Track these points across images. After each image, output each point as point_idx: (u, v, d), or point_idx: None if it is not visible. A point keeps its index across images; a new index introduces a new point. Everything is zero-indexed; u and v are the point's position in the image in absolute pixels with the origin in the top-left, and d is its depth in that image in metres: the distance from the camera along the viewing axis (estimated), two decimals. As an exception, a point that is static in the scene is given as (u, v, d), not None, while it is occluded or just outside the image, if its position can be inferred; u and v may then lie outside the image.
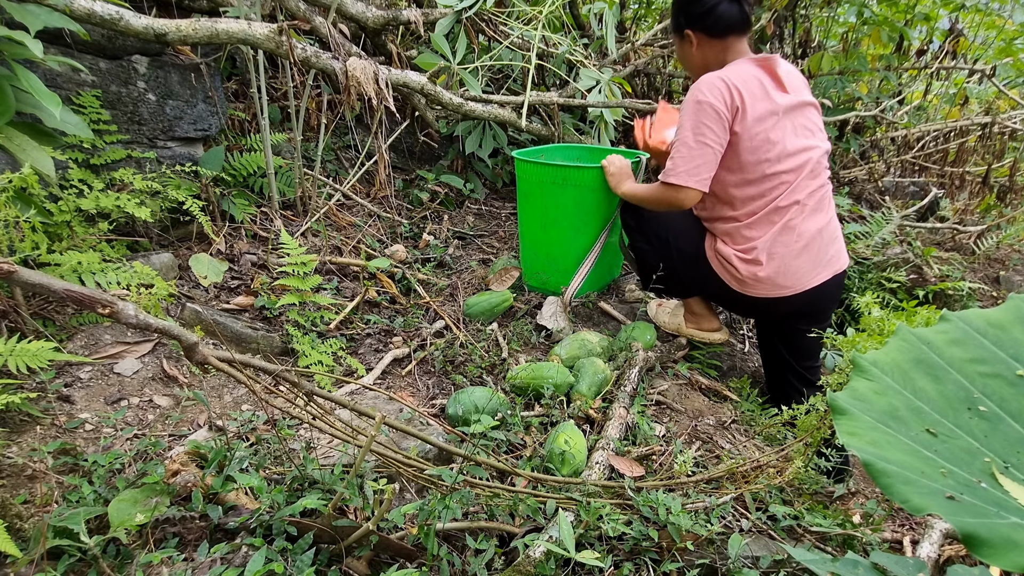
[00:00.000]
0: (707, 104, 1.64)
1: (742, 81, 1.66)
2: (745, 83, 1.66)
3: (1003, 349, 0.67)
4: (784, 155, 1.69)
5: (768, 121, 1.67)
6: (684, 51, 1.85)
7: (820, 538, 1.29)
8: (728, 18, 1.72)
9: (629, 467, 1.47)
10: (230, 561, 1.06)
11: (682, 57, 1.89)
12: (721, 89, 1.64)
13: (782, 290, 1.76)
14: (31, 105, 1.52)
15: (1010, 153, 3.52)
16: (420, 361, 1.98)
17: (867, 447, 0.56)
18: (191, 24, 1.86)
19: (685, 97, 1.71)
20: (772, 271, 1.74)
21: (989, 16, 3.60)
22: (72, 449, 1.33)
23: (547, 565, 1.10)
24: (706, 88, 1.65)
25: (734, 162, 1.70)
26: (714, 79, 1.66)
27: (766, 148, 1.67)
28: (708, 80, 1.67)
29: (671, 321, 2.16)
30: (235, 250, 2.23)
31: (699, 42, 1.78)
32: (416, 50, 2.90)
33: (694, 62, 1.84)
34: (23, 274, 0.94)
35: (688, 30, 1.78)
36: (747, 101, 1.65)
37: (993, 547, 0.45)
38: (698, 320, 2.12)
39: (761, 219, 1.73)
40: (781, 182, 1.70)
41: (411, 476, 1.20)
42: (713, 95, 1.64)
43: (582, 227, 2.19)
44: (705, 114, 1.65)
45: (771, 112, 1.67)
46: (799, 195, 1.72)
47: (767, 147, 1.67)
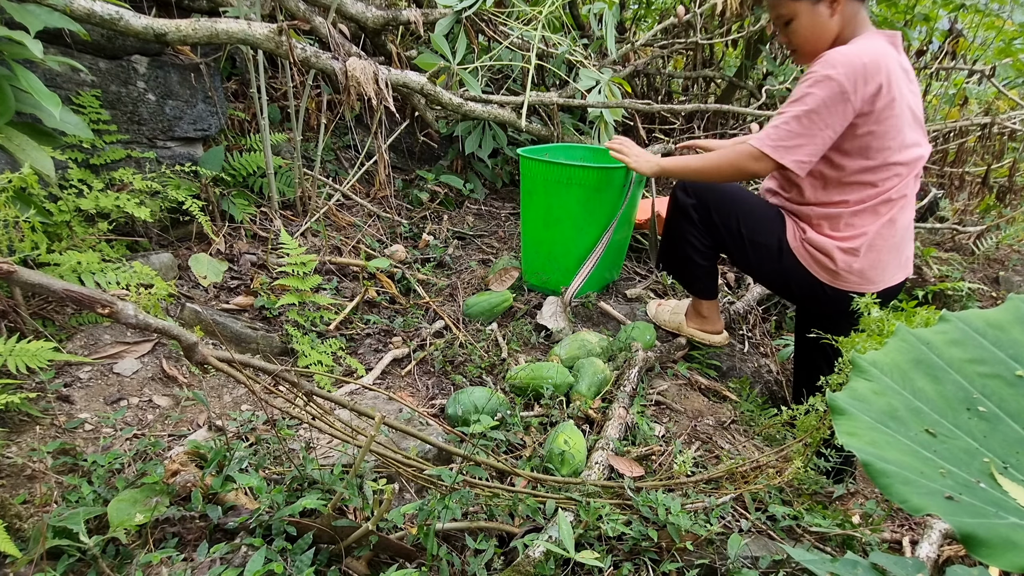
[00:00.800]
0: (837, 83, 1.47)
1: (884, 60, 1.49)
2: (887, 63, 1.49)
3: (1002, 349, 0.67)
4: (903, 146, 1.56)
5: (898, 108, 1.53)
6: (816, 19, 1.58)
7: (819, 538, 1.29)
8: None
9: (629, 467, 1.47)
10: (229, 561, 1.06)
11: (809, 27, 1.60)
12: (858, 70, 1.46)
13: (869, 285, 1.65)
14: (31, 105, 1.52)
15: (1009, 153, 3.52)
16: (420, 361, 1.98)
17: (866, 447, 0.56)
18: (191, 24, 1.86)
19: (809, 71, 1.52)
20: (867, 264, 1.63)
21: (988, 16, 3.60)
22: (71, 449, 1.33)
23: (546, 565, 1.10)
24: (842, 65, 1.47)
25: (861, 146, 1.55)
26: (854, 58, 1.47)
27: (892, 135, 1.54)
28: (846, 57, 1.47)
29: (672, 319, 2.11)
30: (235, 250, 2.23)
31: (845, 3, 1.55)
32: (416, 50, 2.90)
33: (826, 32, 1.59)
34: (23, 274, 0.94)
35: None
36: (891, 83, 1.49)
37: (992, 547, 0.45)
38: (703, 322, 2.07)
39: (868, 209, 1.61)
40: (895, 174, 1.58)
41: (411, 476, 1.20)
42: (848, 75, 1.46)
43: (585, 227, 2.19)
44: (832, 91, 1.47)
45: (902, 98, 1.54)
46: (907, 191, 1.61)
47: (893, 134, 1.54)
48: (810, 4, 1.56)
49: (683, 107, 3.01)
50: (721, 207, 1.78)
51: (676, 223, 1.89)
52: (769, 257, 1.74)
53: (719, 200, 1.78)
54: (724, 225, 1.78)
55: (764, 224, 1.75)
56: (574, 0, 3.45)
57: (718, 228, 1.79)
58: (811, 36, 1.60)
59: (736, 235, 1.77)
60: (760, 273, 1.83)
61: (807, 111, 1.50)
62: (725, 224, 1.78)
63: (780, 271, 1.74)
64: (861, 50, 1.48)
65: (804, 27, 1.59)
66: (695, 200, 1.81)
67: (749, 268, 1.85)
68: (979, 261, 3.05)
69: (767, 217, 1.75)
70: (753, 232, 1.75)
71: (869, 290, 1.65)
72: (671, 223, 1.93)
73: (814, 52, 1.61)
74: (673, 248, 1.95)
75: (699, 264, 1.90)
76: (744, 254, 1.79)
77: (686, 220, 1.85)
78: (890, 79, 1.49)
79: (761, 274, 1.82)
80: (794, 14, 1.59)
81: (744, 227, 1.76)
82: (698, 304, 2.06)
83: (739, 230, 1.76)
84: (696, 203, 1.81)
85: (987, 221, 3.30)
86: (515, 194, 3.34)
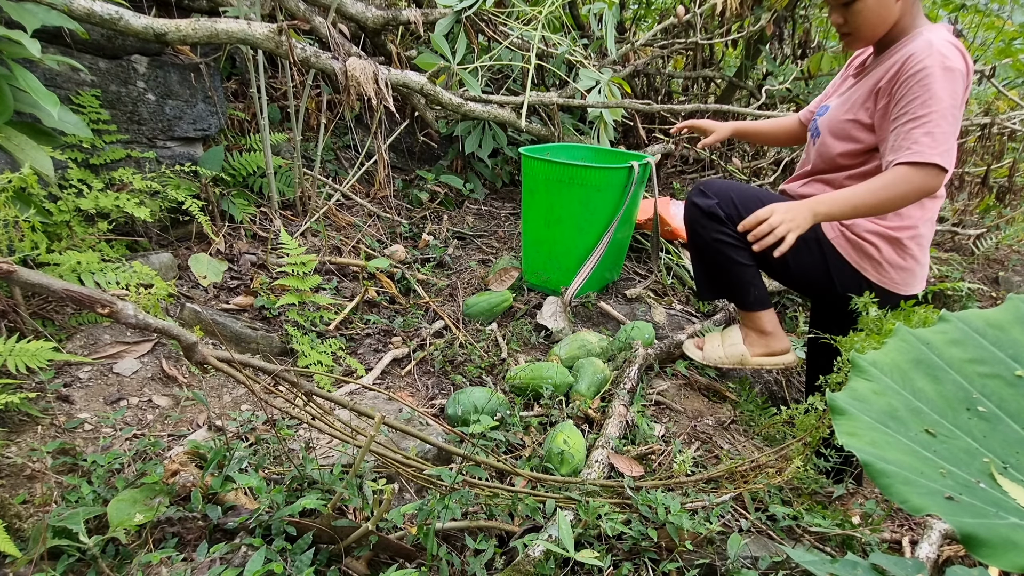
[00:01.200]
0: (959, 73, 1.41)
1: (963, 48, 1.45)
2: (965, 51, 1.46)
3: (1002, 349, 0.67)
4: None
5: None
6: (881, 2, 1.50)
7: (819, 538, 1.29)
8: None
9: (628, 466, 1.47)
10: (229, 561, 1.06)
11: (875, 9, 1.50)
12: (961, 58, 1.42)
13: (907, 287, 1.59)
14: (30, 105, 1.52)
15: (1009, 154, 3.52)
16: (419, 361, 1.98)
17: (866, 447, 0.56)
18: (191, 24, 1.86)
19: (919, 67, 1.42)
20: (912, 262, 1.58)
21: (988, 17, 3.61)
22: (71, 449, 1.33)
23: (546, 565, 1.10)
24: (951, 54, 1.41)
25: None
26: (950, 45, 1.43)
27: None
28: (947, 45, 1.43)
29: (730, 354, 1.80)
30: (234, 250, 2.23)
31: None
32: (416, 50, 2.90)
33: (889, 16, 1.51)
34: (22, 274, 0.94)
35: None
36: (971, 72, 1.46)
37: (992, 547, 0.46)
38: (768, 341, 1.78)
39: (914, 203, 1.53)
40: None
41: (410, 476, 1.20)
42: (959, 63, 1.41)
43: (586, 227, 2.19)
44: (959, 84, 1.41)
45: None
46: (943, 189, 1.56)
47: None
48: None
49: (683, 107, 3.01)
50: (746, 202, 1.64)
51: (706, 230, 1.70)
52: (808, 251, 1.61)
53: (743, 195, 1.65)
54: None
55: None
56: (574, 0, 3.45)
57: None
58: (874, 19, 1.51)
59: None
60: (800, 272, 1.67)
61: (949, 106, 1.40)
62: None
63: (822, 267, 1.63)
64: (948, 38, 1.44)
65: (870, 8, 1.50)
66: (716, 199, 1.67)
67: (787, 271, 1.69)
68: (979, 261, 3.05)
69: (786, 200, 1.64)
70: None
71: (906, 292, 1.59)
72: (700, 236, 1.73)
73: (872, 37, 1.55)
74: (712, 262, 1.74)
75: (745, 265, 1.69)
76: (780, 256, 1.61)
77: (715, 221, 1.67)
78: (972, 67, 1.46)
79: (801, 273, 1.67)
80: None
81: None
82: (756, 320, 1.78)
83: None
84: (719, 201, 1.66)
85: (987, 221, 3.30)
86: (515, 194, 3.34)
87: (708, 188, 1.72)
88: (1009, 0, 3.42)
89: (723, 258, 1.70)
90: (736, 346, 1.79)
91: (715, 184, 1.71)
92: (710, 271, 1.79)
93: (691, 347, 1.92)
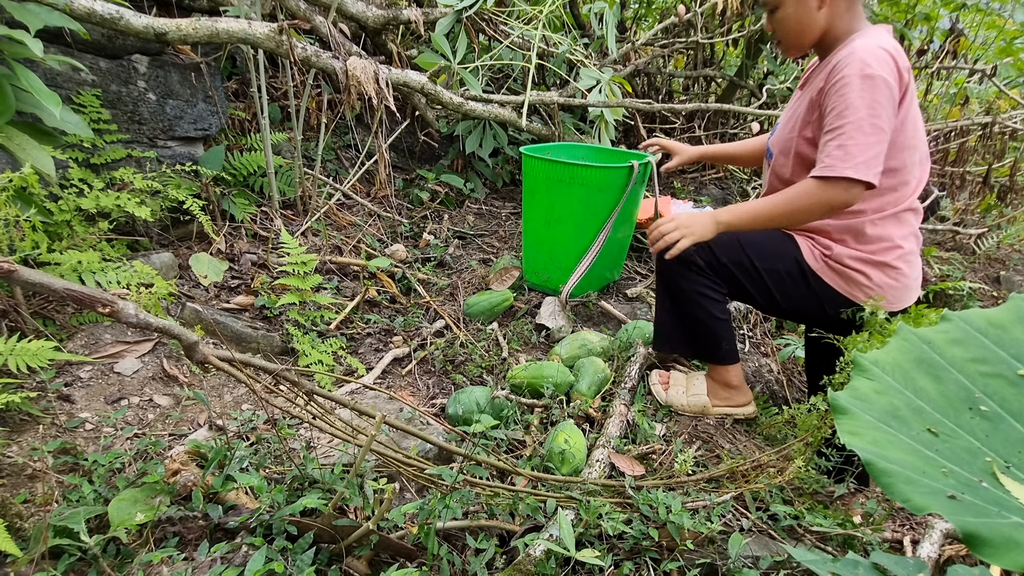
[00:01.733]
0: (881, 80, 1.34)
1: (900, 51, 1.39)
2: (902, 54, 1.40)
3: (1004, 349, 0.67)
4: (919, 143, 1.47)
5: (914, 105, 1.43)
6: (802, 9, 1.47)
7: (820, 538, 1.29)
8: None
9: (629, 465, 1.47)
10: (230, 560, 1.06)
11: (795, 17, 1.49)
12: (889, 62, 1.36)
13: (901, 304, 1.54)
14: (31, 104, 1.52)
15: (1010, 153, 3.51)
16: (420, 361, 1.98)
17: (868, 446, 0.56)
18: (191, 23, 1.86)
19: (838, 76, 1.39)
20: (906, 282, 1.53)
21: (989, 16, 3.60)
22: (72, 448, 1.33)
23: (547, 564, 1.10)
24: (873, 60, 1.35)
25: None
26: (877, 50, 1.37)
27: (912, 132, 1.44)
28: (872, 51, 1.37)
29: (692, 403, 1.76)
30: (235, 249, 2.23)
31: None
32: (416, 49, 2.90)
33: (812, 25, 1.48)
34: (23, 273, 0.94)
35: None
36: (910, 75, 1.39)
37: (994, 546, 0.45)
38: (732, 394, 1.74)
39: (891, 218, 1.49)
40: (914, 176, 1.49)
41: (411, 475, 1.20)
42: (882, 68, 1.35)
43: (586, 226, 2.19)
44: (880, 91, 1.34)
45: (914, 96, 1.44)
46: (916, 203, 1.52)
47: (913, 132, 1.44)
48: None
49: (684, 106, 3.01)
50: (724, 245, 1.57)
51: (682, 281, 1.62)
52: (793, 284, 1.56)
53: (719, 238, 1.55)
54: (734, 263, 1.57)
55: (775, 250, 1.57)
56: (574, 0, 3.45)
57: (727, 269, 1.58)
58: (796, 27, 1.50)
59: (751, 270, 1.57)
60: (790, 305, 1.60)
61: (866, 115, 1.35)
62: (735, 261, 1.57)
63: (810, 296, 1.56)
64: (879, 42, 1.39)
65: (790, 17, 1.49)
66: (695, 246, 1.55)
67: (776, 306, 1.62)
68: (980, 260, 3.05)
69: (774, 240, 1.58)
70: (767, 261, 1.56)
71: (900, 307, 1.54)
72: (672, 286, 1.66)
73: (800, 44, 1.53)
74: (684, 315, 1.68)
75: (720, 320, 1.64)
76: (765, 290, 1.58)
77: (693, 272, 1.60)
78: (909, 70, 1.40)
79: (792, 306, 1.60)
80: (780, 2, 1.49)
81: (756, 259, 1.57)
82: (724, 373, 1.72)
83: (752, 264, 1.57)
84: (697, 248, 1.56)
85: (988, 221, 3.30)
86: (515, 194, 3.34)
87: (722, 258, 1.60)
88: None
89: (699, 314, 1.63)
90: (699, 396, 1.76)
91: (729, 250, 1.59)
92: (681, 325, 1.70)
93: (656, 384, 1.85)
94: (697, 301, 1.62)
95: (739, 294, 1.63)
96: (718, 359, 1.71)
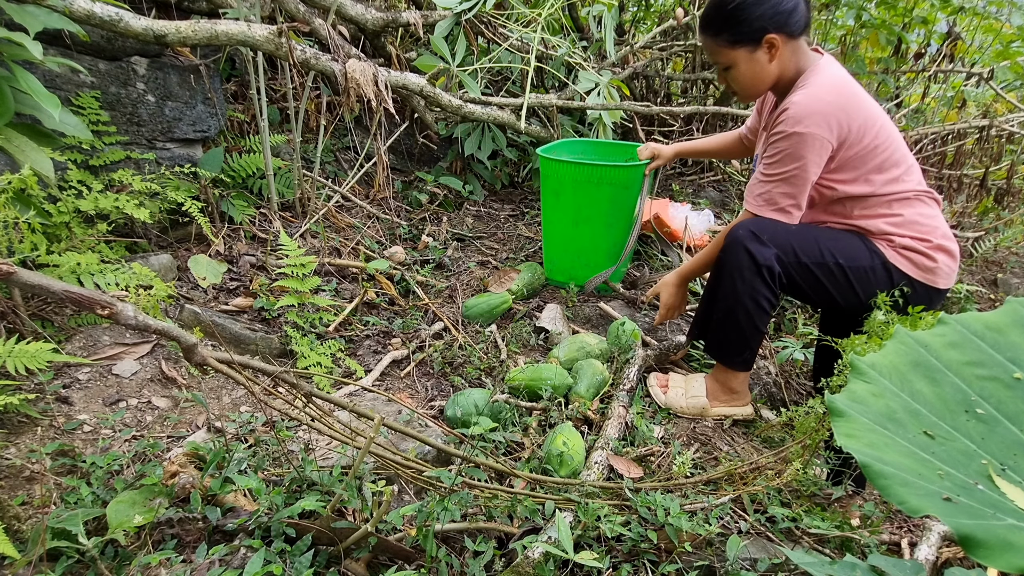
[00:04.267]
0: (809, 136, 1.47)
1: (845, 86, 1.51)
2: (848, 86, 1.52)
3: (1000, 352, 0.67)
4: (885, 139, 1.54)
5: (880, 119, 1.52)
6: (754, 65, 1.54)
7: (818, 540, 1.29)
8: (806, 9, 1.51)
9: (627, 467, 1.47)
10: (228, 563, 1.06)
11: (748, 74, 1.56)
12: (822, 113, 1.47)
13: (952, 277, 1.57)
14: (30, 106, 1.52)
15: (1007, 156, 3.53)
16: (419, 363, 1.98)
17: (865, 449, 0.56)
18: (191, 26, 1.87)
19: (780, 128, 1.51)
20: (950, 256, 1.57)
21: (987, 19, 3.61)
22: (70, 450, 1.33)
23: (546, 566, 1.10)
24: (807, 115, 1.47)
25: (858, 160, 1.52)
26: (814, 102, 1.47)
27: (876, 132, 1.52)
28: (808, 106, 1.47)
29: (692, 405, 1.76)
30: (234, 251, 2.23)
31: (782, 47, 1.51)
32: (415, 52, 2.90)
33: (765, 77, 1.56)
34: (22, 275, 0.94)
35: (773, 34, 1.49)
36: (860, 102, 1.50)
37: (989, 548, 0.46)
38: (732, 398, 1.75)
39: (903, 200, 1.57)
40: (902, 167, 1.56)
41: (410, 477, 1.21)
42: (814, 125, 1.46)
43: (614, 223, 2.27)
44: (807, 146, 1.48)
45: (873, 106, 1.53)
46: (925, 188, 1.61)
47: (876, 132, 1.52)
48: (748, 52, 1.52)
49: (682, 109, 3.02)
50: (805, 245, 1.55)
51: (743, 283, 1.58)
52: (877, 280, 1.55)
53: (799, 237, 1.56)
54: (818, 264, 1.54)
55: (854, 248, 1.56)
56: (573, 2, 3.46)
57: (809, 271, 1.55)
58: (751, 81, 1.57)
59: (835, 269, 1.54)
60: (867, 298, 1.55)
61: (794, 170, 1.50)
62: (819, 262, 1.54)
63: (877, 290, 1.53)
64: (818, 90, 1.48)
65: (743, 74, 1.56)
66: (775, 248, 1.54)
67: (858, 304, 1.57)
68: (977, 263, 3.06)
69: (852, 240, 1.58)
70: (851, 260, 1.54)
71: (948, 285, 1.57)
72: (729, 283, 1.61)
73: (756, 94, 1.62)
74: (728, 314, 1.63)
75: (761, 332, 1.63)
76: (848, 287, 1.55)
77: (759, 278, 1.55)
78: (858, 98, 1.51)
79: (866, 300, 1.56)
80: (732, 62, 1.55)
81: (840, 257, 1.54)
82: (730, 378, 1.73)
83: (836, 262, 1.54)
84: (778, 252, 1.54)
85: (985, 224, 3.31)
86: (514, 196, 3.34)
87: (763, 231, 1.56)
88: (1007, 2, 3.43)
89: (744, 319, 1.61)
90: (699, 398, 1.76)
91: (770, 227, 1.57)
92: (721, 319, 1.66)
93: (655, 386, 1.85)
94: (746, 306, 1.59)
95: (813, 294, 1.60)
96: (734, 364, 1.70)
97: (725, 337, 1.68)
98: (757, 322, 1.61)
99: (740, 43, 1.52)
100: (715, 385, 1.76)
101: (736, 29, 1.50)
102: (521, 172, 3.41)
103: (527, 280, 2.36)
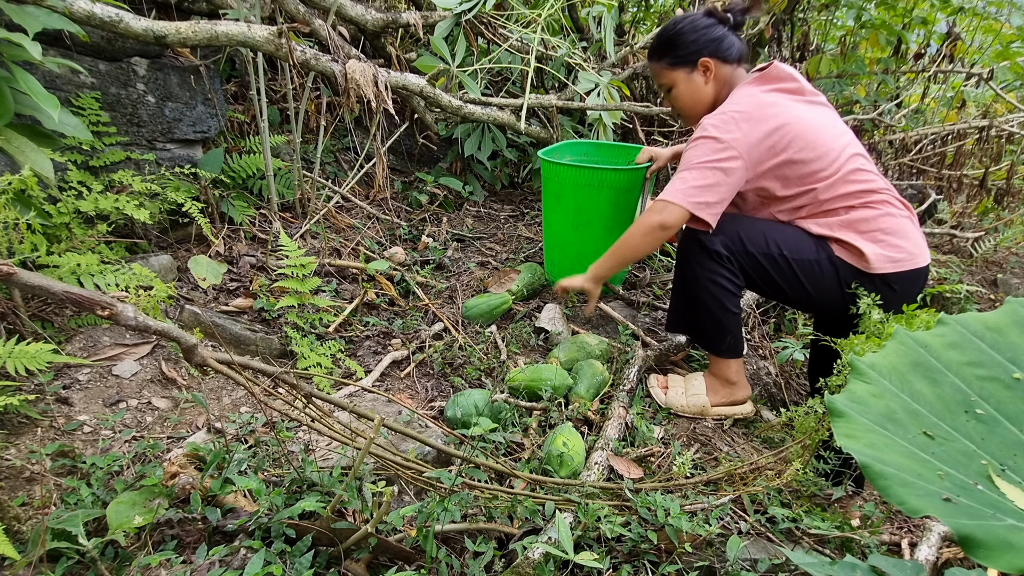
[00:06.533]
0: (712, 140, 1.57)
1: (754, 99, 1.58)
2: (758, 99, 1.58)
3: (1000, 352, 0.67)
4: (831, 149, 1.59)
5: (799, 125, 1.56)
6: (692, 86, 1.70)
7: (818, 540, 1.29)
8: (738, 40, 1.68)
9: (627, 468, 1.47)
10: (229, 563, 1.06)
11: (687, 94, 1.72)
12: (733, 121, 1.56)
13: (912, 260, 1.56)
14: (30, 107, 1.52)
15: (1007, 156, 3.53)
16: (419, 363, 1.98)
17: (865, 449, 0.56)
18: (191, 26, 1.87)
19: (694, 134, 1.62)
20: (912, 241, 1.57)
21: (986, 20, 3.62)
22: (70, 451, 1.33)
23: (546, 567, 1.10)
24: (714, 124, 1.58)
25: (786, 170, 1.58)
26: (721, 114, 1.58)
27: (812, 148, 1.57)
28: (719, 118, 1.58)
29: (692, 404, 1.79)
30: (234, 252, 2.23)
31: (716, 70, 1.67)
32: (415, 53, 2.90)
33: (703, 97, 1.71)
34: (22, 276, 0.94)
35: (707, 58, 1.66)
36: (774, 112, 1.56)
37: (989, 549, 0.46)
38: (732, 391, 1.77)
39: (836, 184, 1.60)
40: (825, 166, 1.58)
41: (410, 478, 1.21)
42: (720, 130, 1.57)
43: (615, 226, 2.25)
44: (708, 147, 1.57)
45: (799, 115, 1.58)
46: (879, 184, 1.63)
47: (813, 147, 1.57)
48: (686, 73, 1.69)
49: (682, 109, 3.00)
50: (753, 235, 1.62)
51: (701, 269, 1.66)
52: (822, 273, 1.59)
53: (748, 228, 1.63)
54: (763, 254, 1.60)
55: (800, 240, 1.61)
56: (573, 3, 3.46)
57: (754, 259, 1.61)
58: (690, 101, 1.73)
59: (781, 261, 1.59)
60: (821, 296, 1.61)
61: (696, 166, 1.58)
62: (765, 252, 1.60)
63: (838, 283, 1.59)
64: (729, 106, 1.59)
65: (683, 94, 1.72)
66: (724, 236, 1.63)
67: (806, 297, 1.62)
68: (977, 264, 3.06)
69: (798, 233, 1.62)
70: (795, 251, 1.59)
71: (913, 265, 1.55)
72: (690, 272, 1.70)
73: (696, 114, 1.73)
74: (695, 300, 1.71)
75: (732, 313, 1.67)
76: (794, 279, 1.60)
77: (715, 262, 1.63)
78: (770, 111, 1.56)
79: (822, 297, 1.61)
80: (673, 82, 1.72)
81: (785, 248, 1.59)
82: (724, 368, 1.76)
83: (781, 254, 1.59)
84: (726, 239, 1.63)
85: (985, 224, 3.31)
86: (514, 196, 3.34)
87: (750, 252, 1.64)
88: (1007, 3, 3.43)
89: (712, 303, 1.66)
90: (699, 396, 1.78)
91: (724, 217, 1.65)
92: (693, 309, 1.74)
93: (655, 387, 1.88)
94: (709, 289, 1.66)
95: (764, 286, 1.66)
96: (720, 351, 1.75)
97: (701, 324, 1.75)
98: (725, 303, 1.67)
99: (678, 65, 1.70)
100: (713, 380, 1.80)
101: (675, 53, 1.69)
102: (521, 172, 3.41)
103: (527, 281, 2.36)
